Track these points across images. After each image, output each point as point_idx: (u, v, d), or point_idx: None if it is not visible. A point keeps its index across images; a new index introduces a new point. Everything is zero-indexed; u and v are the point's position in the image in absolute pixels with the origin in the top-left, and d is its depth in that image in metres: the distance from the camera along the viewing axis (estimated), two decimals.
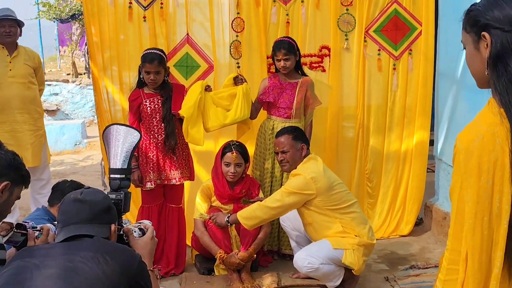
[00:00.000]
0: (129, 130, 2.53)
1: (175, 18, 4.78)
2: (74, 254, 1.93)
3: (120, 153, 2.45)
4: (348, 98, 4.94)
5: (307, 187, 3.71)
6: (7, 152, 2.47)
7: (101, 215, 2.12)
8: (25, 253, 2.03)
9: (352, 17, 4.79)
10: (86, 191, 2.17)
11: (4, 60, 4.98)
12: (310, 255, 3.67)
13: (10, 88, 4.95)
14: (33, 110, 5.11)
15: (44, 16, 14.91)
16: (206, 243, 4.11)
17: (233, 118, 4.32)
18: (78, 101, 13.59)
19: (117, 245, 2.09)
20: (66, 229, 2.07)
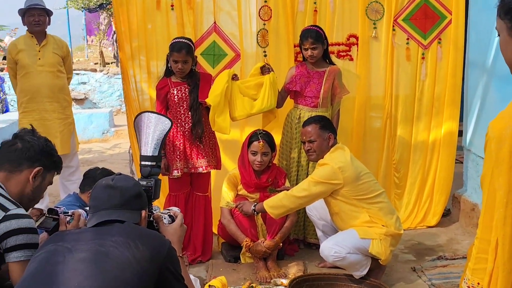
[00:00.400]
0: (160, 118, 2.54)
1: (202, 7, 4.78)
2: (105, 239, 1.96)
3: (151, 141, 2.47)
4: (376, 88, 4.90)
5: (334, 177, 3.70)
6: (40, 138, 2.52)
7: (131, 201, 2.15)
8: (57, 238, 2.07)
9: (381, 6, 4.74)
10: (117, 177, 2.20)
11: (34, 49, 5.04)
12: (337, 244, 3.66)
13: (39, 76, 5.02)
14: (62, 99, 5.17)
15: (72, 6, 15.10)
16: (232, 231, 4.14)
17: (259, 107, 4.32)
18: (106, 90, 13.74)
19: (147, 231, 2.12)
20: (98, 215, 2.11)
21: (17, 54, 5.06)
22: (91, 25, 17.76)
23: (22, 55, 5.03)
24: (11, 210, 2.27)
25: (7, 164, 2.42)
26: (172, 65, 4.17)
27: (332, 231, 4.06)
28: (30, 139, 2.47)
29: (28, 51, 5.04)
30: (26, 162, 2.43)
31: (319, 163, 3.86)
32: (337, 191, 3.74)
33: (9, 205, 2.29)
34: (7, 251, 2.23)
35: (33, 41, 5.06)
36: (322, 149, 3.90)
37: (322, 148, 3.91)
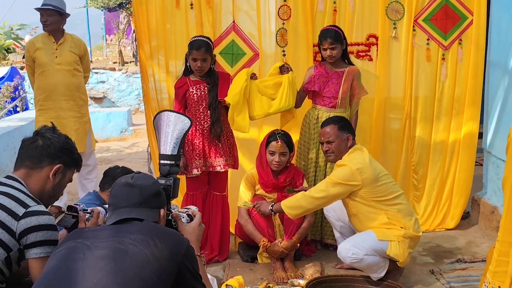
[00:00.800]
0: (180, 117, 2.54)
1: (221, 7, 4.78)
2: (125, 237, 1.98)
3: (170, 140, 2.47)
4: (395, 88, 4.86)
5: (353, 178, 3.68)
6: (60, 135, 2.53)
7: (150, 199, 2.16)
8: (76, 235, 2.09)
9: (401, 6, 4.70)
10: (136, 175, 2.20)
11: (51, 47, 5.08)
12: (354, 246, 3.64)
13: (56, 75, 5.05)
14: (78, 97, 5.19)
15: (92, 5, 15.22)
16: (249, 231, 4.13)
17: (277, 107, 4.31)
18: (124, 89, 13.83)
19: (166, 229, 2.13)
20: (117, 212, 2.12)
21: (34, 52, 5.10)
22: (110, 24, 17.87)
23: (40, 53, 5.08)
24: (31, 206, 2.29)
25: (28, 161, 2.44)
26: (191, 64, 4.18)
27: (349, 232, 4.04)
28: (51, 136, 2.48)
29: (45, 49, 5.08)
30: (46, 159, 2.44)
31: (337, 164, 3.84)
32: (355, 192, 3.71)
33: (30, 202, 2.30)
34: (27, 247, 2.24)
35: (50, 40, 5.09)
36: (340, 150, 3.88)
37: (340, 149, 3.88)
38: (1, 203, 2.26)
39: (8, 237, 2.22)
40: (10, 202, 2.26)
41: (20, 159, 2.47)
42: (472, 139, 4.88)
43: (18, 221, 2.24)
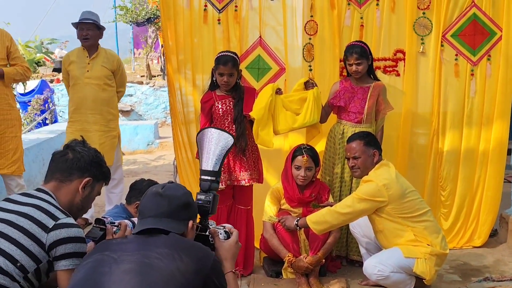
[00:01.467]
0: (223, 134, 2.54)
1: (248, 22, 4.82)
2: (151, 250, 1.98)
3: (212, 156, 2.47)
4: (423, 104, 4.82)
5: (379, 194, 3.65)
6: (90, 149, 2.57)
7: (179, 211, 2.16)
8: (103, 247, 2.10)
9: (429, 21, 4.68)
10: (167, 186, 2.21)
11: (84, 61, 5.16)
12: (380, 263, 3.61)
13: (85, 88, 5.12)
14: (106, 112, 5.21)
15: (121, 20, 15.43)
16: (274, 245, 4.12)
17: (302, 122, 4.31)
18: (151, 103, 13.97)
19: (192, 243, 2.11)
20: (144, 222, 2.14)
21: (69, 65, 5.21)
22: (138, 38, 18.12)
23: (73, 67, 5.17)
24: (61, 219, 2.31)
25: (58, 174, 2.47)
26: (217, 78, 4.21)
27: (375, 249, 4.00)
28: (81, 149, 2.52)
29: (78, 63, 5.16)
30: (76, 172, 2.47)
31: (363, 179, 3.82)
32: (382, 208, 3.69)
33: (59, 214, 2.33)
34: (56, 259, 2.27)
35: (84, 54, 5.18)
36: (366, 166, 3.86)
37: (366, 164, 3.86)
38: (31, 215, 2.28)
39: (38, 249, 2.25)
40: (41, 215, 2.29)
41: (51, 172, 2.50)
42: (501, 156, 4.81)
43: (47, 233, 2.26)
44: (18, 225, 2.25)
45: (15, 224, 2.25)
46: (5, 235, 2.23)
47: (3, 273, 2.17)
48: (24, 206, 2.32)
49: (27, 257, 2.22)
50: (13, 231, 2.23)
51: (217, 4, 4.76)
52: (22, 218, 2.27)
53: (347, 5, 4.69)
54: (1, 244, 2.20)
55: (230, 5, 4.77)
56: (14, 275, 2.18)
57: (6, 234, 2.23)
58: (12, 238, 2.22)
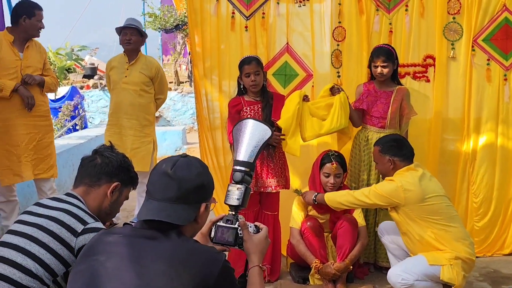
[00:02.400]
0: (260, 125, 2.35)
1: (275, 28, 4.83)
2: (147, 267, 1.81)
3: (247, 147, 2.29)
4: (454, 109, 4.75)
5: (395, 195, 3.65)
6: (118, 154, 2.59)
7: (189, 194, 1.94)
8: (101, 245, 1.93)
9: (459, 26, 4.62)
10: (178, 164, 1.96)
11: (123, 67, 5.30)
12: (404, 271, 3.55)
13: (122, 93, 5.26)
14: (142, 117, 5.32)
15: (150, 27, 15.58)
16: (301, 251, 4.10)
17: (329, 127, 4.28)
18: (179, 108, 14.07)
19: (196, 249, 1.90)
20: (150, 206, 1.95)
21: (110, 70, 5.39)
22: (167, 45, 18.30)
23: (113, 72, 5.33)
24: (90, 223, 2.34)
25: (87, 179, 2.51)
26: (245, 81, 4.20)
27: (404, 255, 3.94)
28: (109, 155, 2.54)
29: (118, 68, 5.31)
30: (105, 177, 2.50)
31: (387, 178, 3.82)
32: (398, 207, 3.68)
33: (88, 219, 2.36)
34: None
35: (124, 59, 5.32)
36: (384, 172, 3.90)
37: (383, 171, 3.90)
38: (61, 219, 2.31)
39: (67, 253, 2.27)
40: (70, 219, 2.32)
41: (80, 176, 2.54)
42: None
43: (77, 237, 2.29)
44: (48, 229, 2.28)
45: (45, 228, 2.28)
46: (35, 239, 2.26)
47: (34, 276, 2.20)
48: (54, 211, 2.36)
49: (57, 261, 2.25)
50: (43, 235, 2.27)
51: (244, 11, 4.78)
52: (52, 222, 2.30)
53: (376, 11, 4.67)
54: (32, 248, 2.23)
55: (258, 12, 4.78)
56: (44, 279, 2.21)
57: (36, 238, 2.26)
58: (42, 242, 2.25)
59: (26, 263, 2.20)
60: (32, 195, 5.37)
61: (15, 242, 2.26)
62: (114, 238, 1.92)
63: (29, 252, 2.23)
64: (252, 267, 2.10)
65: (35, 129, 4.84)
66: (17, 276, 2.18)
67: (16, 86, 4.64)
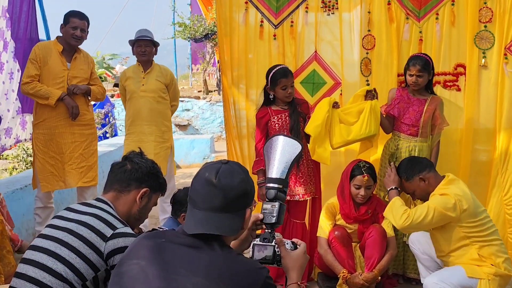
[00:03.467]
0: (290, 141, 2.35)
1: (304, 37, 4.84)
2: (185, 278, 1.79)
3: (278, 163, 2.28)
4: (485, 119, 4.64)
5: (452, 208, 3.48)
6: (147, 160, 2.62)
7: (235, 202, 1.94)
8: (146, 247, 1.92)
9: (491, 34, 4.54)
10: (222, 173, 1.94)
11: (139, 76, 5.37)
12: (442, 281, 3.48)
13: (141, 101, 5.31)
14: (161, 123, 5.39)
15: (179, 36, 15.74)
16: (329, 261, 4.07)
17: (358, 133, 4.23)
18: (208, 117, 14.15)
19: (238, 264, 1.88)
20: (196, 217, 1.93)
21: (126, 81, 5.43)
22: (196, 54, 18.45)
23: (129, 82, 5.38)
24: (119, 228, 2.37)
25: (116, 184, 2.54)
26: (280, 93, 4.19)
27: (434, 267, 3.87)
28: (139, 161, 2.57)
29: (134, 78, 5.37)
30: (134, 182, 2.53)
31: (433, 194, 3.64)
32: (449, 225, 3.55)
33: (117, 224, 2.39)
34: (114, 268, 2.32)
35: (139, 69, 5.39)
36: (424, 194, 3.70)
37: (423, 194, 3.71)
38: (91, 224, 2.35)
39: (96, 257, 2.30)
40: (100, 224, 2.35)
41: (110, 182, 2.57)
42: None
43: (106, 242, 2.32)
44: (78, 234, 2.31)
45: (75, 233, 2.31)
46: (65, 243, 2.29)
47: (63, 280, 2.23)
48: (83, 215, 2.39)
49: (86, 265, 2.27)
50: (73, 239, 2.30)
51: (273, 20, 4.80)
52: (82, 227, 2.33)
53: (406, 19, 4.63)
54: (62, 252, 2.27)
55: (286, 20, 4.80)
56: (74, 283, 2.24)
57: (66, 242, 2.29)
58: (72, 246, 2.28)
59: (57, 267, 2.24)
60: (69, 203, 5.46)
61: (46, 246, 2.30)
62: (157, 242, 1.92)
63: (59, 256, 2.26)
64: (290, 284, 2.09)
65: (81, 137, 5.03)
66: (47, 280, 2.21)
67: (62, 95, 4.82)
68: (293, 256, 2.11)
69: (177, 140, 9.81)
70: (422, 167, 3.74)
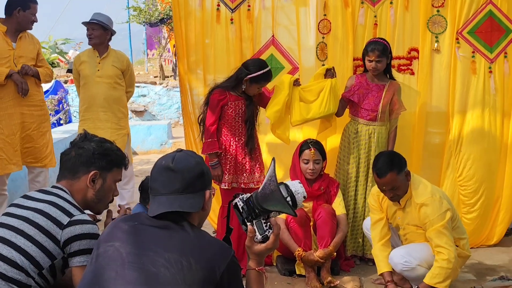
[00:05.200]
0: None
1: (261, 22, 4.83)
2: (159, 254, 1.86)
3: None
4: (438, 102, 4.75)
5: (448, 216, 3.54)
6: (92, 141, 2.54)
7: (193, 183, 1.99)
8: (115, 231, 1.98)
9: (443, 19, 4.63)
10: (177, 158, 2.02)
11: (94, 60, 5.28)
12: (408, 254, 3.56)
13: (96, 87, 5.23)
14: (117, 110, 5.33)
15: (134, 20, 15.49)
16: (285, 240, 4.11)
17: (317, 111, 4.28)
18: (165, 103, 14.01)
19: (206, 241, 1.95)
20: (158, 201, 1.99)
21: (80, 65, 5.33)
22: (151, 39, 18.20)
23: (84, 66, 5.28)
24: (75, 216, 2.33)
25: (66, 173, 2.49)
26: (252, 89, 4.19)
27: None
28: (83, 145, 2.50)
29: (89, 62, 5.27)
30: (81, 168, 2.46)
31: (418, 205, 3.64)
32: None
33: (74, 211, 2.35)
34: (71, 256, 2.28)
35: (94, 54, 5.30)
36: (405, 189, 3.72)
37: (405, 188, 3.71)
38: (47, 212, 2.30)
39: (53, 245, 2.26)
40: (56, 211, 2.31)
41: (61, 172, 2.52)
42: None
43: (62, 230, 2.28)
44: (33, 222, 2.27)
45: (31, 221, 2.27)
46: (21, 231, 2.25)
47: (19, 268, 2.19)
48: (40, 203, 2.35)
49: (42, 253, 2.24)
50: (29, 227, 2.26)
51: (229, 4, 4.77)
52: (38, 215, 2.29)
53: (361, 4, 4.67)
54: (18, 241, 2.23)
55: (243, 4, 4.78)
56: (29, 271, 2.21)
57: (22, 230, 2.25)
58: (28, 234, 2.24)
59: (12, 255, 2.20)
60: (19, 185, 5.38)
61: (1, 234, 2.26)
62: (129, 225, 1.98)
63: (14, 244, 2.22)
64: (248, 269, 2.07)
65: (31, 118, 4.92)
66: (2, 268, 2.17)
67: (10, 72, 4.70)
68: (256, 249, 2.05)
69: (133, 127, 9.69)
70: (404, 161, 3.73)
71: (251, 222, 2.05)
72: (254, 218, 2.05)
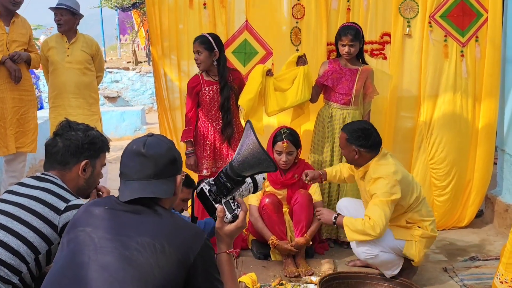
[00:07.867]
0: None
1: (234, 6, 4.81)
2: (132, 238, 1.86)
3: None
4: (410, 86, 4.81)
5: (394, 190, 3.55)
6: (78, 130, 2.56)
7: (165, 169, 2.00)
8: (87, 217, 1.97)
9: (415, 3, 4.67)
10: (149, 143, 2.00)
11: (63, 46, 5.16)
12: (369, 242, 3.63)
13: (66, 73, 5.13)
14: (88, 96, 5.24)
15: (106, 5, 15.29)
16: (259, 228, 4.15)
17: (293, 100, 4.32)
18: (138, 88, 13.90)
19: (179, 225, 1.95)
20: (130, 187, 1.97)
21: (48, 51, 5.21)
22: (124, 24, 17.99)
23: (52, 52, 5.17)
24: (71, 201, 2.39)
25: (55, 164, 2.53)
26: None
27: None
28: (69, 135, 2.53)
29: (58, 48, 5.17)
30: (71, 159, 2.52)
31: (371, 178, 3.67)
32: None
33: (70, 197, 2.41)
34: None
35: (63, 39, 5.18)
36: (349, 160, 3.85)
37: (348, 159, 3.84)
38: (42, 198, 2.35)
39: (50, 230, 2.31)
40: (52, 198, 2.36)
41: (49, 163, 2.54)
42: (491, 138, 4.82)
43: (60, 215, 2.33)
44: (30, 209, 2.31)
45: (27, 208, 2.31)
46: (17, 217, 2.29)
47: (14, 253, 2.22)
48: (34, 190, 2.39)
49: (40, 238, 2.28)
50: (25, 214, 2.30)
51: None
52: (34, 202, 2.33)
53: None
54: (15, 226, 2.26)
55: None
56: (25, 256, 2.24)
57: (18, 216, 2.29)
58: (25, 220, 2.28)
59: (8, 240, 2.23)
60: None
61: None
62: (100, 210, 1.97)
63: (11, 229, 2.26)
64: (219, 253, 2.09)
65: (21, 103, 5.00)
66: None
67: (3, 59, 4.73)
68: (226, 230, 2.06)
69: (107, 113, 9.60)
70: (365, 144, 3.73)
71: (220, 203, 2.06)
72: (224, 196, 2.06)
